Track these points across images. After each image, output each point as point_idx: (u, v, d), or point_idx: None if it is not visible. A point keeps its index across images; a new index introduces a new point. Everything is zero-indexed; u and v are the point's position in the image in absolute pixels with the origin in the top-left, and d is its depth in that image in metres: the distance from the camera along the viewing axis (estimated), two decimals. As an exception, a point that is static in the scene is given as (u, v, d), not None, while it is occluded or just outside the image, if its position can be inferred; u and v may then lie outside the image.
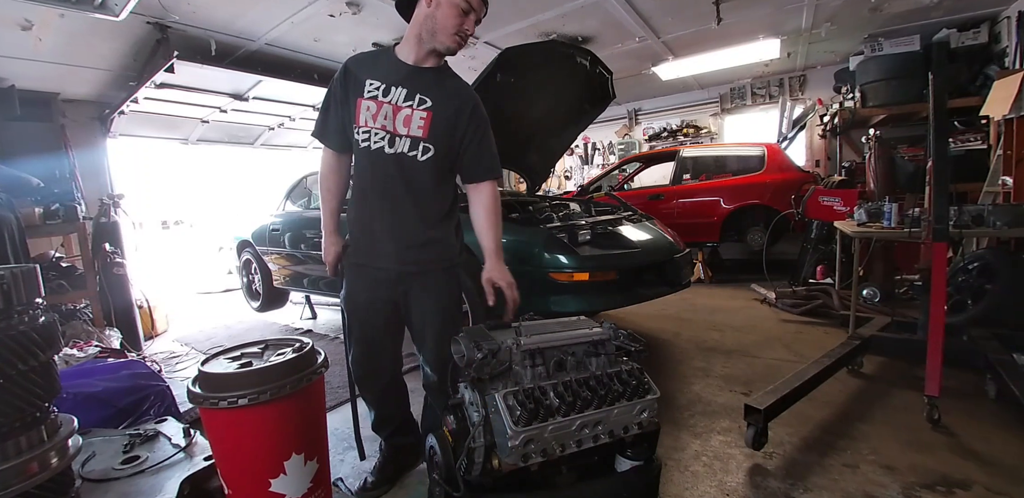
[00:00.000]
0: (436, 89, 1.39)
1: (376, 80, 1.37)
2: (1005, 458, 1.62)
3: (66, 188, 3.84)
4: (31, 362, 0.96)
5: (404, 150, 1.39)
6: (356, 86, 1.39)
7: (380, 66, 1.40)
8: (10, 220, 2.60)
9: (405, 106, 1.37)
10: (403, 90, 1.37)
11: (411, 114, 1.37)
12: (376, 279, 1.48)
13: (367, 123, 1.38)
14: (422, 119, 1.37)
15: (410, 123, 1.37)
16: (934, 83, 1.86)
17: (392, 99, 1.37)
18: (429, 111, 1.37)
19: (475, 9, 1.34)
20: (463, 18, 1.33)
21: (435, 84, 1.40)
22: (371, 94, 1.37)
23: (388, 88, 1.37)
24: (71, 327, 2.98)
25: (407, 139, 1.38)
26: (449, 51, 1.38)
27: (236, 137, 5.98)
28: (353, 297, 1.52)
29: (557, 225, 2.49)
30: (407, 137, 1.38)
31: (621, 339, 1.35)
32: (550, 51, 2.86)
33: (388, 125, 1.38)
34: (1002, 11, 4.04)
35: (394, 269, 1.46)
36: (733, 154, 5.32)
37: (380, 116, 1.37)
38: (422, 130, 1.37)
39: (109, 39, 3.57)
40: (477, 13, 1.36)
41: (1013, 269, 2.70)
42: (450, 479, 1.23)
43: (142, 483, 1.32)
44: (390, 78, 1.37)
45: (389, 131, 1.38)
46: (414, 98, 1.37)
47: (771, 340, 2.98)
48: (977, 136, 3.46)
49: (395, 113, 1.37)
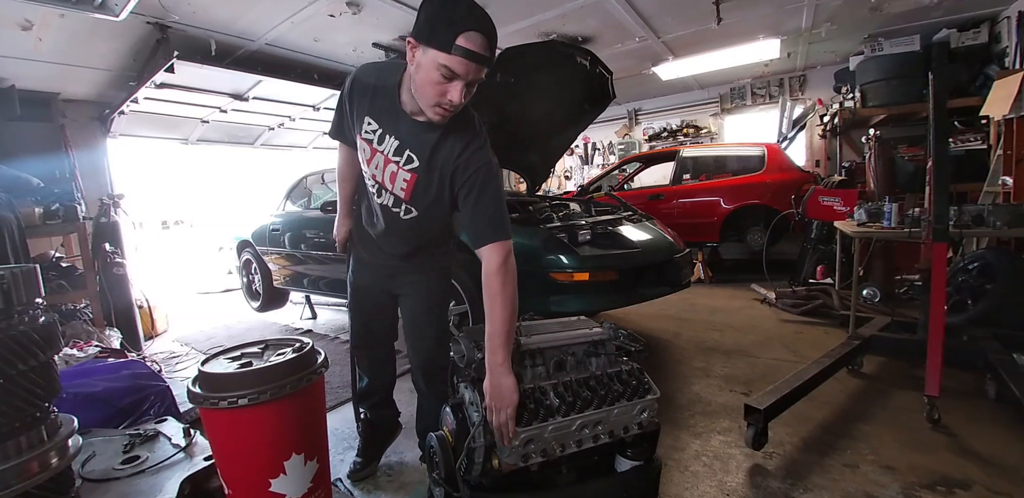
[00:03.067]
0: (427, 150, 1.23)
1: (374, 121, 1.26)
2: (1005, 458, 1.62)
3: (66, 188, 3.84)
4: (31, 362, 0.96)
5: (389, 204, 1.35)
6: (357, 117, 1.29)
7: (380, 101, 1.25)
8: (10, 220, 2.60)
9: (394, 161, 1.27)
10: (395, 142, 1.25)
11: (397, 172, 1.27)
12: (375, 270, 1.58)
13: (363, 159, 1.34)
14: (405, 181, 1.28)
15: (395, 181, 1.29)
16: (934, 83, 1.86)
17: (384, 149, 1.27)
18: (414, 174, 1.26)
19: (459, 75, 1.06)
20: (445, 86, 1.08)
21: (428, 143, 1.23)
22: (367, 136, 1.28)
23: (383, 135, 1.26)
24: (71, 327, 2.98)
25: (391, 196, 1.33)
26: (432, 122, 1.19)
27: (236, 137, 5.98)
28: (357, 280, 1.64)
29: (557, 225, 2.49)
30: (391, 194, 1.32)
31: (621, 339, 1.35)
32: (550, 51, 2.86)
33: (378, 176, 1.32)
34: (1002, 11, 4.04)
35: (388, 266, 1.55)
36: (733, 154, 5.31)
37: (372, 164, 1.31)
38: (404, 192, 1.30)
39: (109, 39, 3.57)
40: (463, 78, 1.07)
41: (1013, 269, 2.70)
42: (450, 479, 1.23)
43: (142, 483, 1.32)
44: (386, 123, 1.25)
45: (377, 180, 1.33)
46: (403, 154, 1.25)
47: (771, 340, 2.98)
48: (977, 136, 3.46)
49: (384, 165, 1.29)
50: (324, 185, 3.91)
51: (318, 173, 3.99)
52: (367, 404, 1.79)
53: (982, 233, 2.62)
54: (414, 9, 3.83)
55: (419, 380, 1.62)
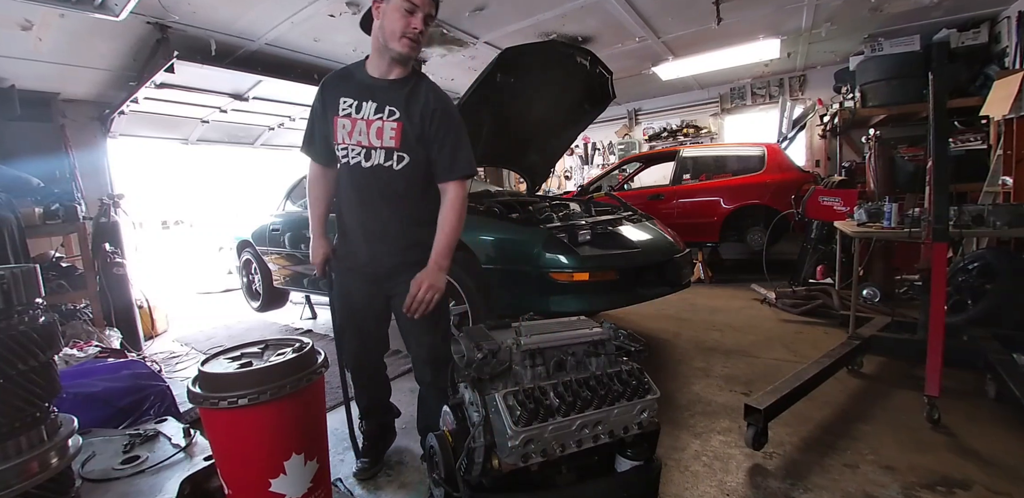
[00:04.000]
0: (404, 99, 1.43)
1: (348, 97, 1.44)
2: (1005, 458, 1.62)
3: (66, 188, 3.84)
4: (31, 362, 0.96)
5: (380, 161, 1.45)
6: (332, 104, 1.46)
7: (352, 83, 1.46)
8: (10, 220, 2.60)
9: (376, 119, 1.43)
10: (373, 104, 1.43)
11: (382, 126, 1.42)
12: (366, 278, 1.57)
13: (344, 140, 1.46)
14: (393, 130, 1.42)
15: (383, 135, 1.43)
16: (934, 83, 1.86)
17: (364, 114, 1.43)
18: (399, 122, 1.42)
19: (419, 6, 1.36)
20: (409, 18, 1.35)
21: (403, 94, 1.44)
22: (345, 112, 1.44)
23: (360, 104, 1.43)
24: (71, 327, 2.98)
25: (382, 151, 1.44)
26: (403, 56, 1.41)
27: (236, 137, 5.98)
28: (347, 296, 1.62)
29: (557, 225, 2.49)
30: (382, 148, 1.44)
31: (621, 339, 1.35)
32: (550, 51, 2.86)
33: (363, 140, 1.44)
34: (1002, 11, 4.04)
35: (383, 267, 1.54)
36: (733, 154, 5.31)
37: (355, 132, 1.44)
38: (394, 140, 1.43)
39: (109, 39, 3.57)
40: (423, 10, 1.37)
41: (1013, 269, 2.70)
42: (450, 479, 1.23)
43: (142, 483, 1.32)
44: (361, 94, 1.44)
45: (364, 146, 1.45)
46: (384, 110, 1.42)
47: (771, 340, 2.98)
48: (977, 136, 3.46)
49: (368, 127, 1.43)
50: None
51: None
52: (374, 417, 1.83)
53: (982, 233, 2.62)
54: (414, 9, 3.79)
55: (426, 375, 1.61)
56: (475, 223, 2.55)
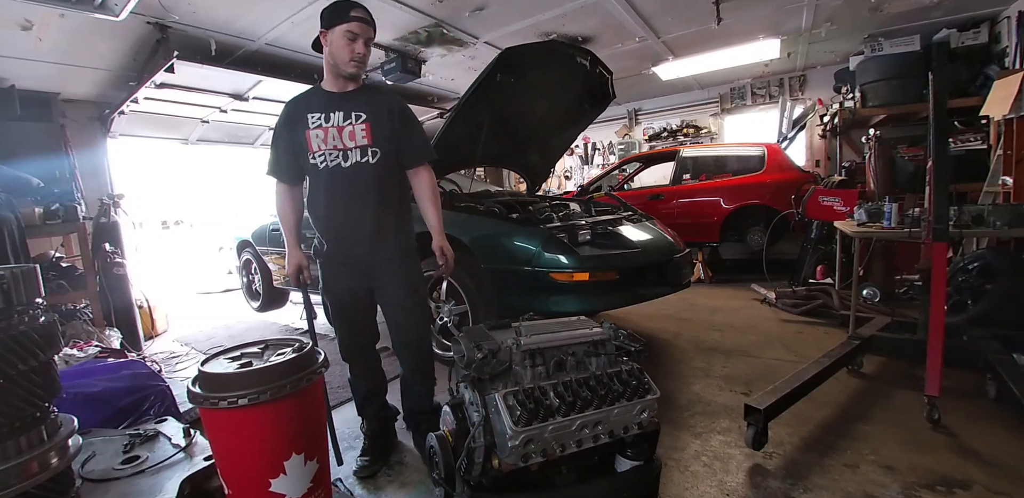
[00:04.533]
0: (365, 104, 1.64)
1: (315, 112, 1.62)
2: (1005, 458, 1.62)
3: (66, 188, 3.84)
4: (31, 362, 0.96)
5: (358, 159, 1.63)
6: (300, 121, 1.63)
7: (315, 101, 1.65)
8: (10, 220, 2.60)
9: (346, 124, 1.62)
10: (340, 113, 1.62)
11: (353, 130, 1.62)
12: (349, 271, 1.72)
13: (319, 148, 1.62)
14: (363, 130, 1.62)
15: (355, 136, 1.62)
16: (934, 83, 1.86)
17: (333, 123, 1.61)
18: (367, 123, 1.62)
19: (359, 34, 1.57)
20: (352, 45, 1.57)
21: (363, 100, 1.64)
22: (315, 124, 1.62)
23: (327, 115, 1.62)
24: (71, 327, 2.98)
25: (357, 149, 1.63)
26: (353, 75, 1.63)
27: (236, 137, 5.98)
28: (332, 287, 1.77)
29: (557, 225, 2.49)
30: (356, 148, 1.63)
31: (621, 339, 1.35)
32: (550, 51, 2.86)
33: (339, 144, 1.62)
34: (1002, 11, 4.04)
35: (363, 259, 1.69)
36: (733, 154, 5.31)
37: (329, 138, 1.62)
38: (366, 138, 1.62)
39: (109, 39, 3.57)
40: (362, 36, 1.57)
41: (1013, 269, 2.70)
42: (450, 479, 1.23)
43: (142, 483, 1.32)
44: (326, 107, 1.62)
45: (340, 148, 1.62)
46: (351, 116, 1.62)
47: (771, 340, 2.98)
48: (977, 136, 3.46)
49: (340, 132, 1.62)
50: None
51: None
52: (371, 409, 1.87)
53: (982, 233, 2.62)
54: (414, 9, 3.84)
55: (408, 358, 1.79)
56: (475, 223, 2.55)
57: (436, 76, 5.09)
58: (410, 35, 3.96)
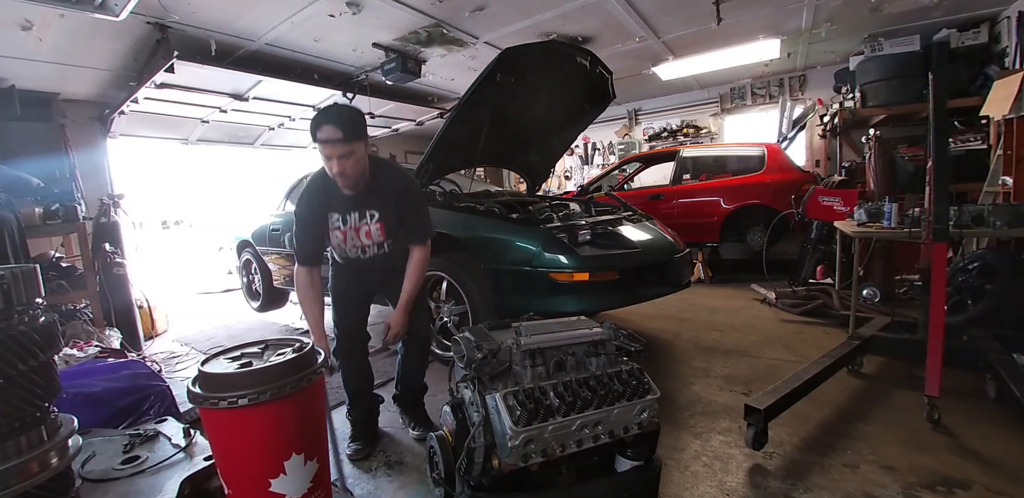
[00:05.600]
0: (377, 201, 1.74)
1: (335, 213, 1.74)
2: (1005, 458, 1.62)
3: (66, 188, 3.84)
4: (31, 362, 0.96)
5: (375, 252, 1.81)
6: (322, 217, 1.74)
7: (334, 200, 1.73)
8: (10, 220, 2.60)
9: (362, 224, 1.76)
10: (355, 214, 1.75)
11: (369, 229, 1.76)
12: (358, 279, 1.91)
13: (339, 246, 1.80)
14: (378, 228, 1.77)
15: (371, 235, 1.77)
16: (934, 83, 1.86)
17: (351, 224, 1.75)
18: (380, 221, 1.75)
19: (331, 155, 1.58)
20: (330, 163, 1.60)
21: (373, 196, 1.74)
22: (335, 225, 1.75)
23: (345, 217, 1.74)
24: (71, 327, 2.98)
25: (374, 245, 1.80)
26: (348, 187, 1.67)
27: (236, 137, 5.98)
28: (338, 284, 1.93)
29: (557, 225, 2.49)
30: (373, 244, 1.79)
31: (621, 339, 1.35)
32: (550, 51, 2.86)
33: (357, 243, 1.78)
34: (1002, 11, 4.04)
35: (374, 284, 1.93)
36: (733, 154, 5.31)
37: (348, 240, 1.77)
38: (381, 235, 1.78)
39: (109, 39, 3.57)
40: (336, 155, 1.58)
41: (1013, 269, 2.70)
42: (450, 479, 1.23)
43: (142, 483, 1.32)
44: (344, 208, 1.74)
45: (359, 246, 1.79)
46: (365, 215, 1.75)
47: (771, 340, 2.98)
48: (977, 136, 3.46)
49: (357, 233, 1.77)
50: (324, 185, 3.91)
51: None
52: (362, 401, 1.96)
53: (982, 233, 2.62)
54: (414, 9, 3.84)
55: (411, 344, 1.93)
56: (475, 223, 2.55)
57: (436, 76, 5.09)
58: (410, 35, 3.96)
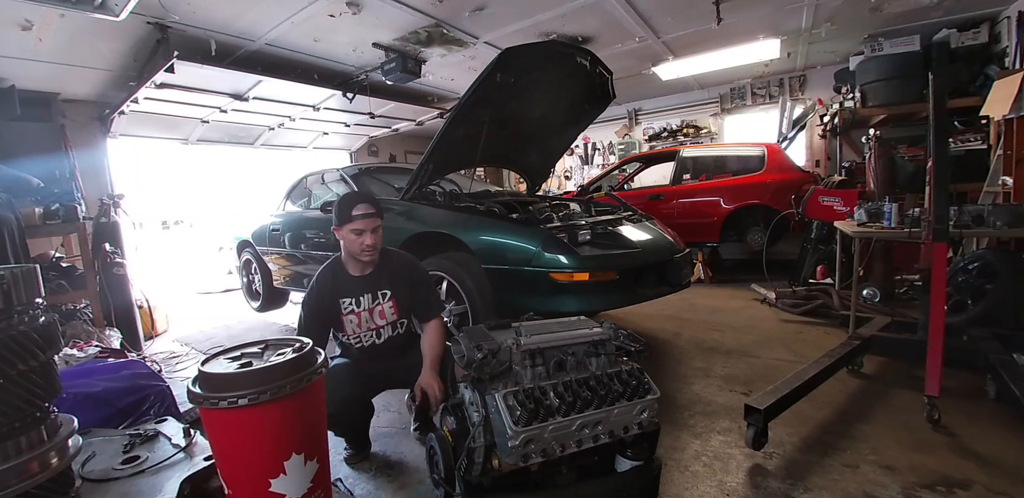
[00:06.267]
0: (387, 280, 1.80)
1: (346, 297, 1.76)
2: (1005, 458, 1.62)
3: (66, 188, 3.83)
4: (31, 362, 0.96)
5: (389, 334, 1.82)
6: (332, 306, 1.75)
7: (342, 285, 1.77)
8: (10, 220, 2.60)
9: (375, 306, 1.78)
10: (368, 295, 1.77)
11: (382, 308, 1.80)
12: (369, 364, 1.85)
13: (355, 332, 1.79)
14: (391, 307, 1.81)
15: (384, 314, 1.80)
16: (934, 83, 1.86)
17: (364, 306, 1.77)
18: (393, 299, 1.80)
19: (364, 229, 1.67)
20: (361, 238, 1.68)
21: (384, 277, 1.80)
22: (348, 310, 1.76)
23: (357, 300, 1.77)
24: (71, 327, 2.98)
25: (388, 326, 1.82)
26: (369, 262, 1.75)
27: (236, 137, 5.98)
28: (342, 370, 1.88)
29: (557, 225, 2.49)
30: (388, 324, 1.82)
31: (621, 339, 1.35)
32: (550, 51, 2.86)
33: (371, 324, 1.79)
34: (1002, 11, 4.04)
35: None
36: (733, 154, 5.31)
37: (363, 322, 1.78)
38: (395, 314, 1.82)
39: (109, 39, 3.57)
40: (369, 228, 1.67)
41: (1013, 269, 2.70)
42: (450, 479, 1.23)
43: (142, 483, 1.32)
44: (355, 291, 1.76)
45: (373, 328, 1.80)
46: (378, 295, 1.79)
47: (771, 340, 2.98)
48: (977, 136, 3.46)
49: (371, 314, 1.78)
50: (324, 185, 3.91)
51: (318, 173, 3.99)
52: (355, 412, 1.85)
53: (982, 233, 2.62)
54: (414, 9, 3.84)
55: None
56: (475, 223, 2.55)
57: (436, 76, 5.09)
58: (410, 35, 3.96)
